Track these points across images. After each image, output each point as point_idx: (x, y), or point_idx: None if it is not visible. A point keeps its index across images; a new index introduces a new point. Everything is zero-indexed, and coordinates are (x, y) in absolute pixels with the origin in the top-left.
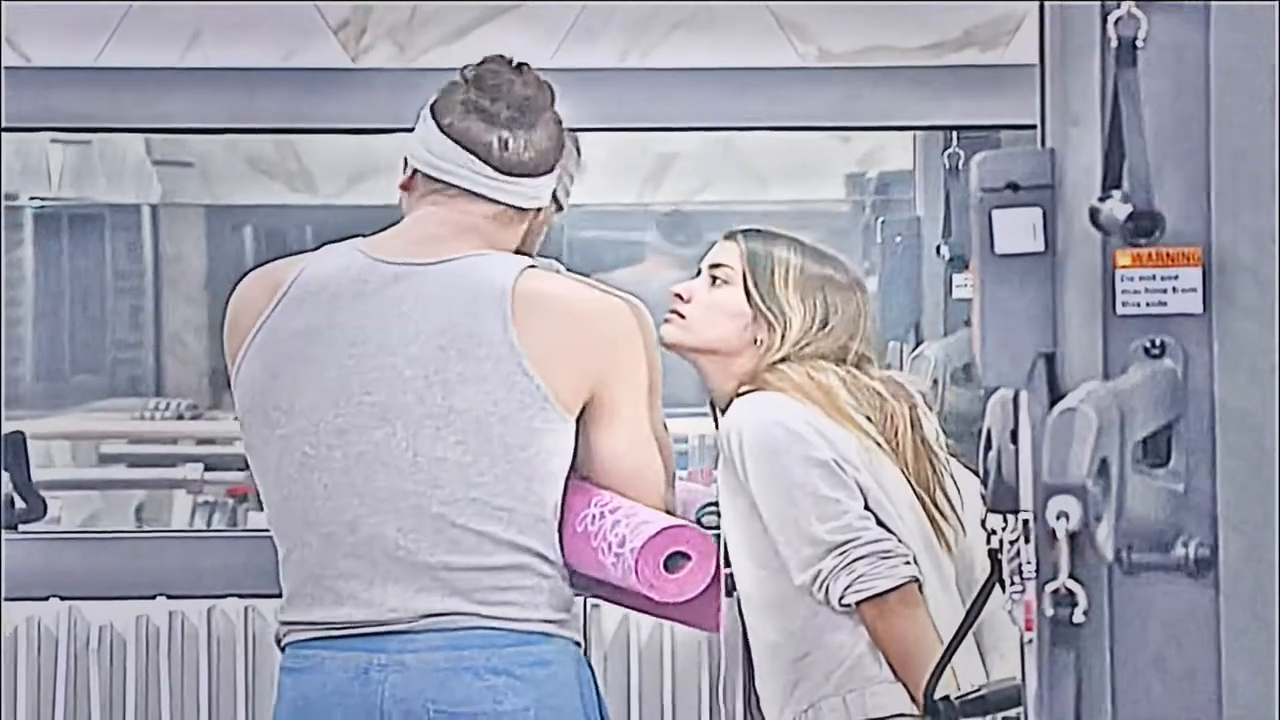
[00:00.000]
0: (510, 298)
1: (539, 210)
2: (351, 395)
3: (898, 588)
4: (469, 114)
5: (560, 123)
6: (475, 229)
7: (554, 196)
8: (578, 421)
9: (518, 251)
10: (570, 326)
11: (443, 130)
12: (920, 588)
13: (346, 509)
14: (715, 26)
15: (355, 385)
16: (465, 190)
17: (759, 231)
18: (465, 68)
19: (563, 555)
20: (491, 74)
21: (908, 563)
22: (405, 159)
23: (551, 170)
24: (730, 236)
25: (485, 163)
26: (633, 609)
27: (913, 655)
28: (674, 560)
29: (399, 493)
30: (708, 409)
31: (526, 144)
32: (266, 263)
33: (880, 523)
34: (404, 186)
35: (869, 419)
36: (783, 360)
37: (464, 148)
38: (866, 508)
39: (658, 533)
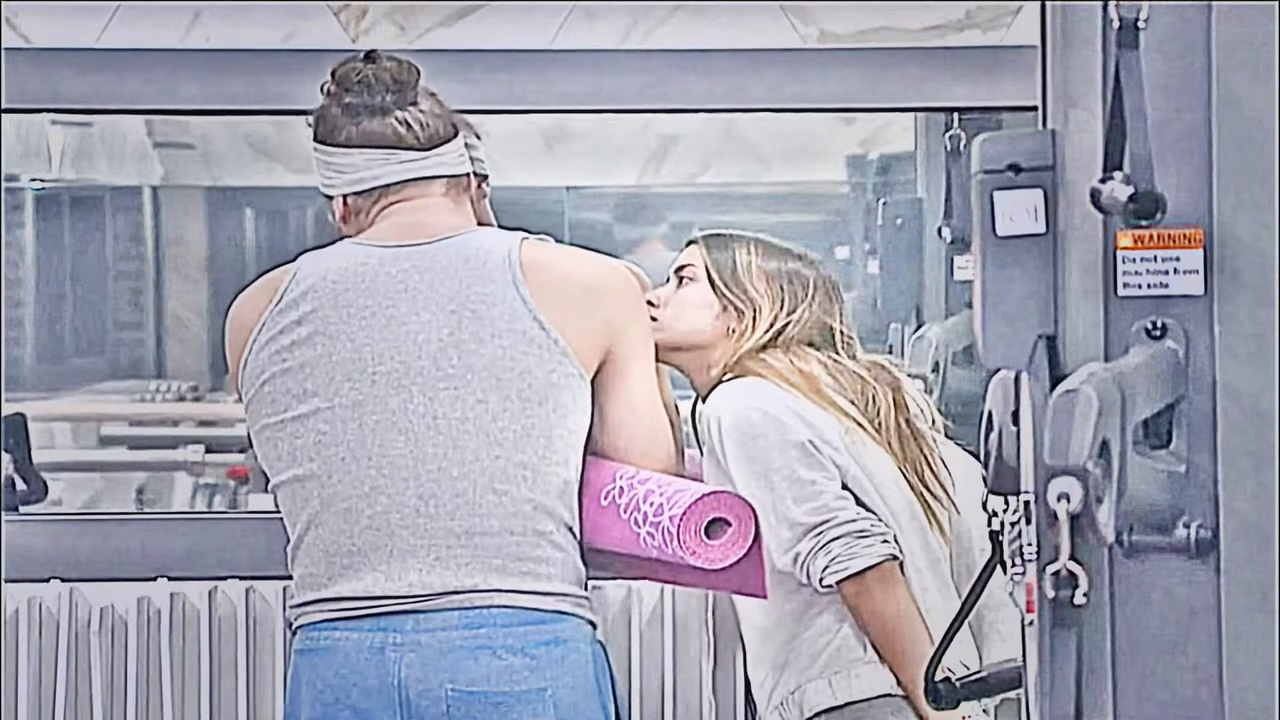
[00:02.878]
0: (517, 261)
1: (466, 179)
2: (365, 368)
3: (875, 566)
4: (357, 118)
5: (434, 93)
6: (443, 207)
7: (474, 170)
8: (591, 385)
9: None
10: (579, 286)
11: (344, 146)
12: (901, 566)
13: (364, 481)
14: (716, 8)
15: (368, 358)
16: (406, 182)
17: (719, 235)
18: (323, 85)
19: (585, 532)
20: (353, 73)
21: (885, 541)
22: (327, 198)
23: (456, 134)
24: (692, 242)
25: (401, 149)
26: (667, 581)
27: (894, 633)
28: (714, 526)
29: (418, 459)
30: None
31: (424, 116)
32: (265, 273)
33: (859, 502)
34: (343, 218)
35: (852, 402)
36: (765, 348)
37: (377, 148)
38: (845, 487)
39: (698, 499)
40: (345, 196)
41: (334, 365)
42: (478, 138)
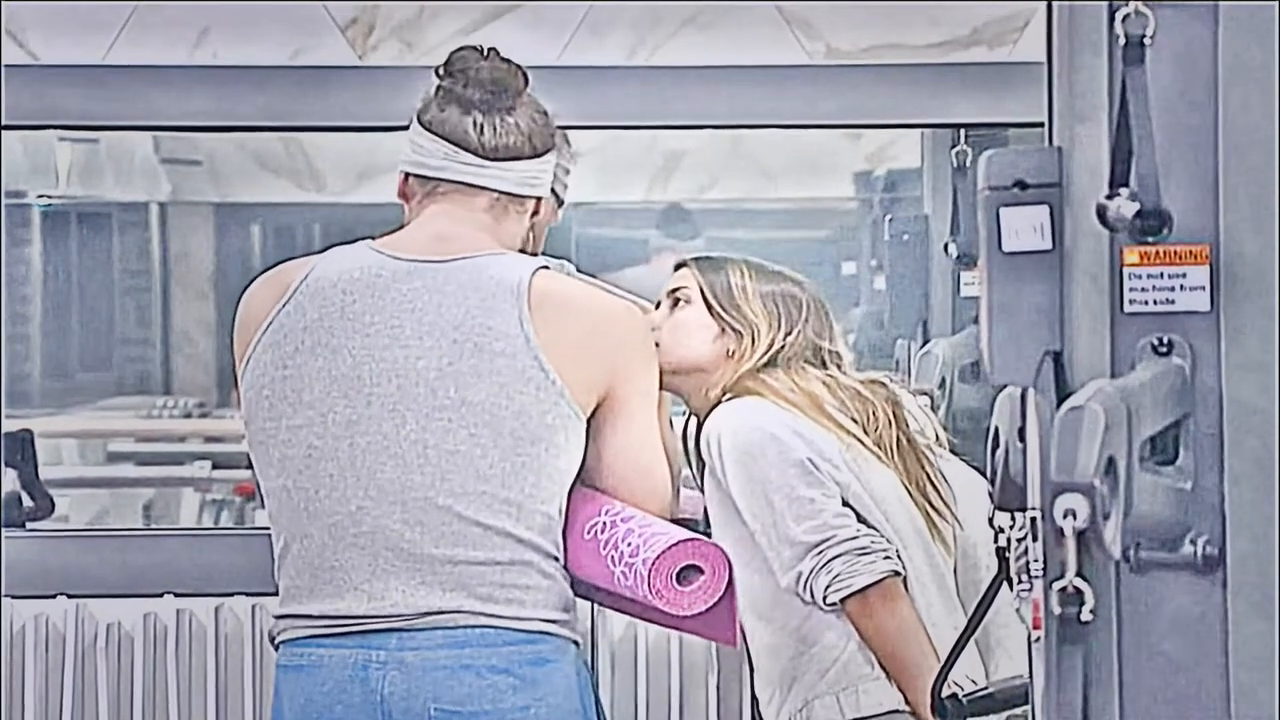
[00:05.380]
0: (526, 295)
1: (539, 203)
2: (362, 387)
3: (877, 583)
4: (445, 104)
5: (545, 111)
6: (478, 223)
7: (553, 192)
8: (587, 424)
9: (524, 250)
10: (586, 325)
11: (423, 126)
12: (904, 582)
13: (351, 500)
14: (723, 24)
15: (366, 377)
16: (456, 183)
17: (709, 258)
18: (439, 65)
19: (566, 561)
20: (459, 60)
21: (887, 557)
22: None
23: (540, 155)
24: (682, 265)
25: (466, 149)
26: (639, 618)
27: (898, 648)
28: (686, 573)
29: (406, 485)
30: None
31: (504, 126)
32: (273, 266)
33: (861, 519)
34: (401, 194)
35: (853, 419)
36: (763, 367)
37: (443, 138)
38: (845, 504)
39: (672, 545)
40: (407, 174)
41: (332, 380)
42: (567, 169)
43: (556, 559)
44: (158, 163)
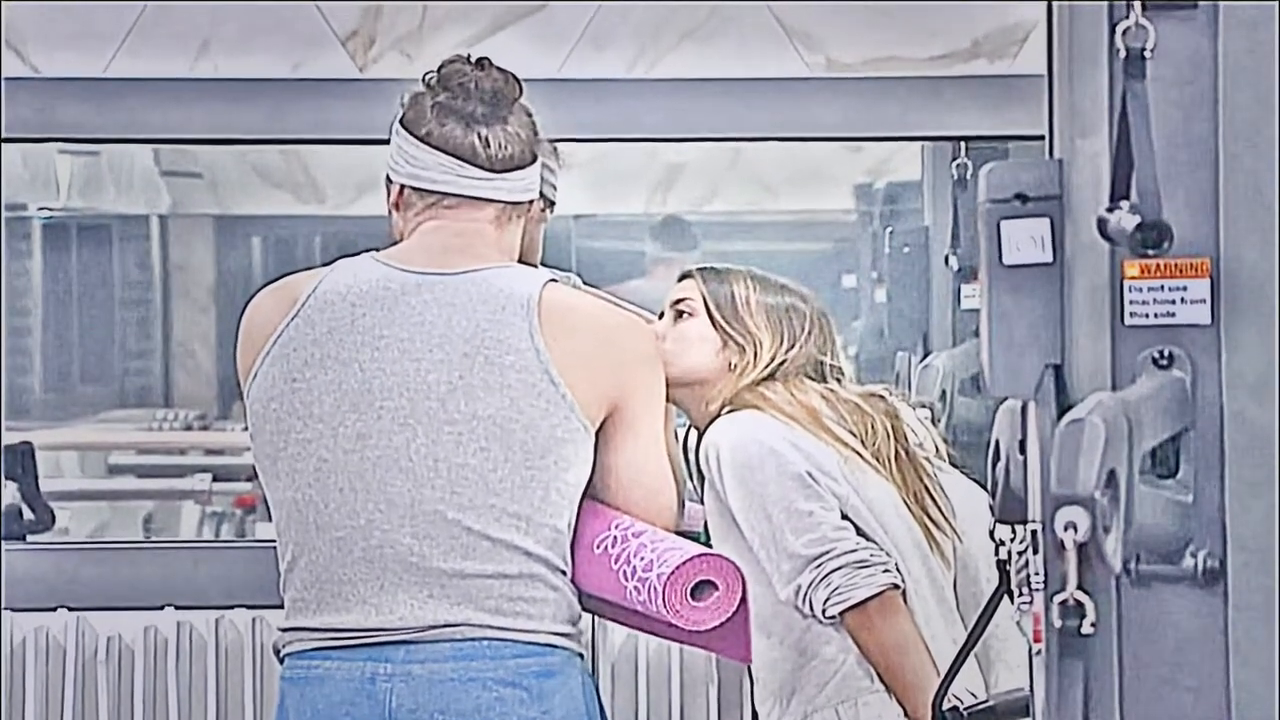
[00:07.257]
0: (536, 308)
1: (530, 204)
2: (373, 400)
3: (876, 596)
4: (444, 119)
5: (530, 113)
6: (482, 235)
7: (541, 194)
8: (595, 437)
9: (523, 260)
10: (595, 339)
11: (421, 140)
12: (904, 595)
13: (361, 514)
14: (723, 36)
15: (377, 390)
16: (461, 196)
17: (714, 268)
18: (427, 74)
19: (574, 575)
20: (456, 74)
21: (886, 570)
22: (387, 177)
23: (534, 160)
24: (686, 275)
25: (472, 164)
26: (647, 632)
27: (897, 661)
28: (701, 589)
29: (416, 498)
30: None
31: (507, 137)
32: (275, 279)
33: (860, 531)
34: (395, 205)
35: (851, 433)
36: (763, 381)
37: (447, 154)
38: (844, 517)
39: (687, 560)
40: (403, 186)
41: (342, 394)
42: (559, 164)
43: (564, 572)
44: (158, 175)
